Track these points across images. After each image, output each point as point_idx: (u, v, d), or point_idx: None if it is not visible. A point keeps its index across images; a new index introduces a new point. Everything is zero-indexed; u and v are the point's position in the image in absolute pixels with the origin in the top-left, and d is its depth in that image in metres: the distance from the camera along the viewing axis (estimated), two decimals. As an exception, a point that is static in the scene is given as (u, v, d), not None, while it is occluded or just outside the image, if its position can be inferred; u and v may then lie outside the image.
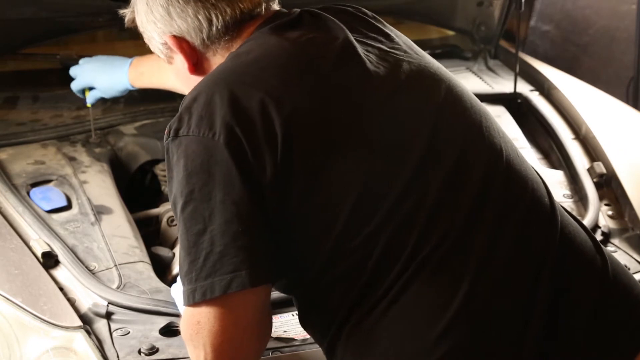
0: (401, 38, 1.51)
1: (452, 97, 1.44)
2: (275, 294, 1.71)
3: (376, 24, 1.51)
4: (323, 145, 1.32)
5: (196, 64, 1.48)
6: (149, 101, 2.42)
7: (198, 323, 1.31)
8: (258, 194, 1.29)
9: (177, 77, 1.55)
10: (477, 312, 1.31)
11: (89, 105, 2.18)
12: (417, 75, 1.43)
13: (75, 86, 2.16)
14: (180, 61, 1.48)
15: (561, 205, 1.47)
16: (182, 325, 1.36)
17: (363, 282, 1.32)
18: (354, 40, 1.43)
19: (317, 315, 1.40)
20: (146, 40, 1.54)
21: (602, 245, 1.46)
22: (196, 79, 1.45)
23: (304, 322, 1.44)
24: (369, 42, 1.45)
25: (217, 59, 1.46)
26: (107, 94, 2.14)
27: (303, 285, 1.39)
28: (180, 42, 1.45)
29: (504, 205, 1.37)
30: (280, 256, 1.33)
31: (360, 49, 1.42)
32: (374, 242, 1.31)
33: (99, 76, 2.12)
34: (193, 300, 1.29)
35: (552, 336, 1.33)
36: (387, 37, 1.49)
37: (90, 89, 2.15)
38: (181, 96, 2.36)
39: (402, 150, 1.35)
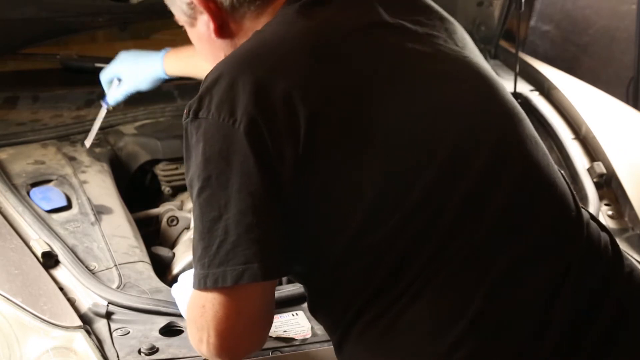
0: (446, 23, 1.43)
1: (489, 97, 1.38)
2: (277, 293, 1.72)
3: (419, 3, 1.43)
4: (347, 140, 1.28)
5: (222, 26, 1.40)
6: (149, 101, 2.42)
7: (203, 307, 1.30)
8: (275, 186, 1.26)
9: (200, 43, 1.47)
10: (491, 324, 1.28)
11: (110, 107, 2.14)
12: (454, 68, 1.38)
13: (104, 75, 2.11)
14: (204, 24, 1.41)
15: (590, 214, 1.44)
16: (188, 307, 1.36)
17: (377, 282, 1.30)
18: (389, 22, 1.36)
19: (327, 307, 1.38)
20: (168, 2, 1.47)
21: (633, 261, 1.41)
22: (220, 45, 1.40)
23: (314, 311, 1.42)
24: (406, 24, 1.38)
25: (244, 25, 1.40)
26: (139, 85, 2.09)
27: (316, 278, 1.37)
28: (207, 0, 1.39)
29: (530, 216, 1.33)
30: (295, 248, 1.31)
31: (394, 34, 1.36)
32: (392, 243, 1.29)
33: (132, 65, 2.08)
34: (204, 285, 1.28)
35: (571, 353, 1.30)
36: (429, 19, 1.40)
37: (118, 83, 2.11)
38: (181, 96, 2.32)
39: (427, 150, 1.31)
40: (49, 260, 1.76)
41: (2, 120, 2.31)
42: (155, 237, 2.08)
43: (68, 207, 1.95)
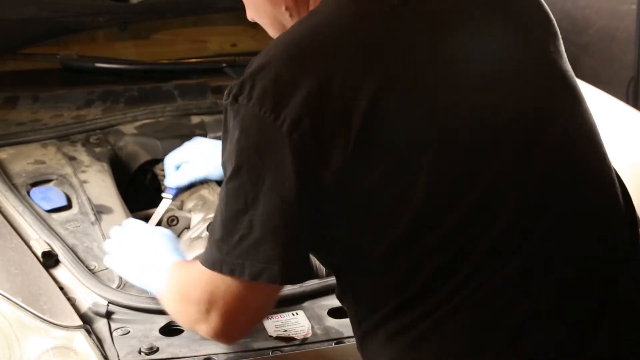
0: (527, 11, 1.34)
1: (563, 106, 1.32)
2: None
3: None
4: (401, 142, 1.20)
5: None
6: (149, 101, 2.42)
7: (212, 289, 1.28)
8: (312, 191, 1.20)
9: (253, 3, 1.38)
10: (534, 344, 1.23)
11: (174, 197, 1.95)
12: (523, 65, 1.30)
13: (172, 160, 1.91)
14: None
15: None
16: (186, 282, 1.35)
17: (413, 290, 1.24)
18: (459, 10, 1.29)
19: (356, 303, 1.34)
20: None
21: None
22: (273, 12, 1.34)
23: (341, 301, 1.38)
24: (475, 13, 1.30)
25: None
26: (209, 174, 1.91)
27: (347, 273, 1.33)
28: None
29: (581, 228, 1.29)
30: (327, 246, 1.28)
31: (460, 25, 1.28)
32: (433, 251, 1.22)
33: (206, 153, 1.89)
34: (219, 269, 1.26)
35: None
36: (506, 7, 1.32)
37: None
38: (181, 95, 2.31)
39: (484, 155, 1.24)
40: (49, 260, 1.76)
41: (2, 120, 2.31)
42: (155, 237, 2.08)
43: (68, 206, 1.95)
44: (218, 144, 1.29)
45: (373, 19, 1.24)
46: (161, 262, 1.51)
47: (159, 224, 2.10)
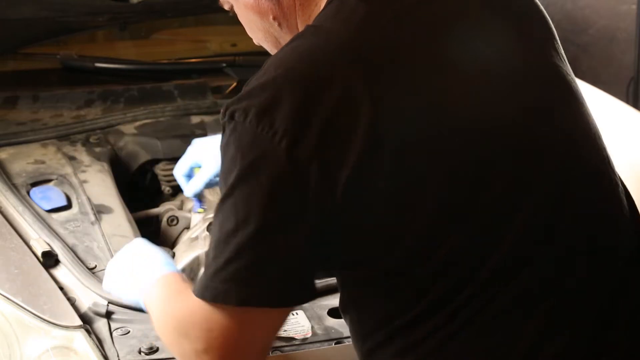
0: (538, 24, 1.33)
1: (564, 109, 1.30)
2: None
3: None
4: (408, 150, 1.15)
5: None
6: (149, 101, 2.42)
7: (200, 320, 1.20)
8: (311, 208, 1.14)
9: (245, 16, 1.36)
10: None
11: (200, 210, 1.90)
12: (526, 68, 1.28)
13: (180, 168, 1.82)
14: None
15: None
16: (175, 311, 1.27)
17: (421, 306, 1.19)
18: (471, 13, 1.26)
19: (359, 318, 1.28)
20: None
21: None
22: (264, 25, 1.31)
23: (344, 313, 1.32)
24: (478, 13, 1.27)
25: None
26: None
27: (350, 286, 1.27)
28: None
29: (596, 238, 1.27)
30: (327, 260, 1.21)
31: (463, 26, 1.25)
32: (446, 266, 1.18)
33: (214, 148, 1.76)
34: (202, 296, 1.18)
35: None
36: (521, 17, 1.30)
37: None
38: (181, 95, 2.30)
39: (492, 158, 1.20)
40: (49, 260, 1.76)
41: (2, 120, 2.31)
42: (155, 237, 2.08)
43: (68, 206, 1.95)
44: (218, 137, 1.25)
45: (376, 26, 1.21)
46: (150, 275, 1.42)
47: (157, 220, 2.09)
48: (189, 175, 1.81)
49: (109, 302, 1.65)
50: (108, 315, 1.64)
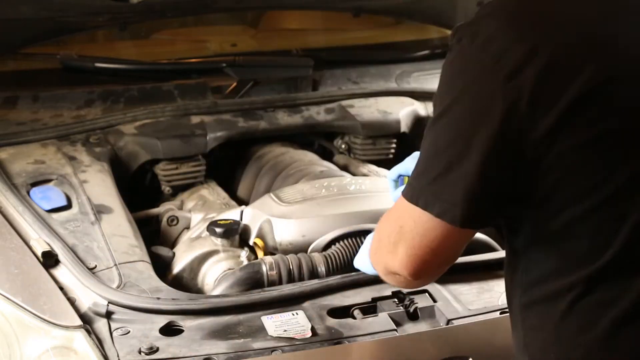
0: None
1: None
2: (276, 292, 1.72)
3: None
4: (615, 120, 1.21)
5: None
6: (149, 101, 2.42)
7: (402, 224, 1.30)
8: (511, 141, 1.21)
9: None
10: None
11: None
12: None
13: (393, 173, 1.83)
14: None
15: None
16: (383, 220, 1.37)
17: (605, 262, 1.24)
18: None
19: (529, 270, 1.32)
20: None
21: None
22: None
23: (510, 265, 1.37)
24: None
25: None
26: None
27: (528, 237, 1.31)
28: None
29: None
30: (511, 204, 1.27)
31: None
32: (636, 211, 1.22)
33: None
34: (415, 202, 1.27)
35: None
36: None
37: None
38: (181, 95, 2.30)
39: None
40: (49, 260, 1.76)
41: (2, 120, 2.31)
42: (155, 237, 2.08)
43: (68, 206, 1.95)
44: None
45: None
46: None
47: (157, 220, 2.09)
48: (396, 181, 1.84)
49: (109, 302, 1.65)
50: (108, 315, 1.64)
